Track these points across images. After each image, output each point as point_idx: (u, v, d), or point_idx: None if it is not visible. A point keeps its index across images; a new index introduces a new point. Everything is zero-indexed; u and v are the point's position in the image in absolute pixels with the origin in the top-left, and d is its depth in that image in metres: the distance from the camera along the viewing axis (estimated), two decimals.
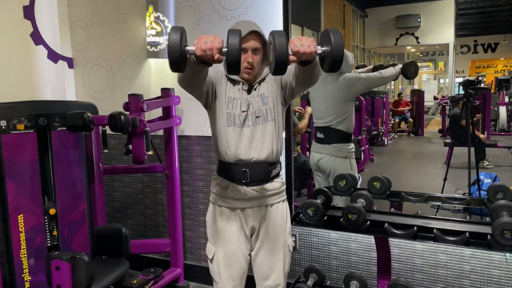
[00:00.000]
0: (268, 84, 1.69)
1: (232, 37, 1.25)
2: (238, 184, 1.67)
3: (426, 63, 3.61)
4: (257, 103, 1.65)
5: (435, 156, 3.22)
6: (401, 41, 3.20)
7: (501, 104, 3.04)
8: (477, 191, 2.48)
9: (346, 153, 2.55)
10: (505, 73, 3.12)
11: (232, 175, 1.68)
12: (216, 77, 1.67)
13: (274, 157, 1.69)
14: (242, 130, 1.64)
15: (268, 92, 1.67)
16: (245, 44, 1.57)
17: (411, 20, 3.15)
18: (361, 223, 1.80)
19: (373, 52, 3.58)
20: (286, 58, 1.25)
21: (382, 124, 3.33)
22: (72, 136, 2.24)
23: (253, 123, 1.65)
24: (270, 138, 1.66)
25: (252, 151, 1.65)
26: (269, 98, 1.67)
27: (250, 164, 1.65)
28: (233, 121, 1.65)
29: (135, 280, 2.41)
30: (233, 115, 1.65)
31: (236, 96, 1.66)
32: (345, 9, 3.32)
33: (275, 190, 1.72)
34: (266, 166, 1.68)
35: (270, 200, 1.72)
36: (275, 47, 1.24)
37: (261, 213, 1.71)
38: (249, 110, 1.65)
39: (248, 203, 1.69)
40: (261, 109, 1.65)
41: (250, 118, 1.65)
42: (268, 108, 1.66)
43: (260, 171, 1.67)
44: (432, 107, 3.42)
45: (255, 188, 1.68)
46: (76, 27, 3.14)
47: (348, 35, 3.34)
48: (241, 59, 1.32)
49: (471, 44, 3.25)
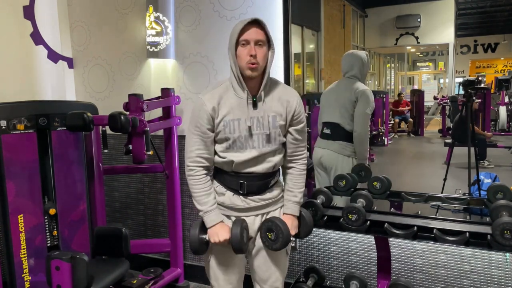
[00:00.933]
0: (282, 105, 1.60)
1: (234, 227, 1.57)
2: (235, 193, 1.64)
3: (426, 63, 3.61)
4: (266, 122, 1.57)
5: (435, 156, 3.21)
6: (401, 41, 3.20)
7: (501, 104, 3.03)
8: (477, 191, 2.48)
9: (350, 152, 2.54)
10: (505, 73, 3.12)
11: (228, 184, 1.65)
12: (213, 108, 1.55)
13: (274, 169, 1.67)
14: (246, 152, 1.58)
15: (279, 116, 1.60)
16: (245, 35, 1.48)
17: (411, 20, 3.15)
18: (361, 223, 1.79)
19: (373, 52, 3.58)
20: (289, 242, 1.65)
21: (382, 124, 3.33)
22: (72, 136, 2.24)
23: (258, 145, 1.58)
24: (272, 156, 1.63)
25: (252, 167, 1.61)
26: (279, 122, 1.60)
27: (248, 176, 1.62)
28: (232, 145, 1.58)
29: (135, 280, 2.41)
30: (233, 139, 1.57)
31: (237, 116, 1.55)
32: (345, 9, 3.32)
33: (274, 199, 1.70)
34: (265, 177, 1.65)
35: (267, 209, 1.70)
36: (283, 241, 1.61)
37: (258, 221, 1.68)
38: (254, 129, 1.56)
39: (245, 213, 1.66)
40: (271, 131, 1.58)
41: (256, 138, 1.57)
42: (278, 133, 1.60)
43: (259, 183, 1.64)
44: (432, 107, 3.41)
45: (252, 198, 1.65)
46: (76, 27, 3.14)
47: (348, 35, 3.34)
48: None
49: (471, 44, 3.25)
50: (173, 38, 2.77)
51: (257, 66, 1.51)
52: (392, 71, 3.82)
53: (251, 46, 1.49)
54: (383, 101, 3.39)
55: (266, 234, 1.62)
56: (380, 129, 3.33)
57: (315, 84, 3.20)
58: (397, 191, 2.13)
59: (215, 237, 1.59)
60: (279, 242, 1.60)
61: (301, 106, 1.65)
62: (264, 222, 1.64)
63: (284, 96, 1.61)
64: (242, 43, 1.50)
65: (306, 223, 1.75)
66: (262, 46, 1.52)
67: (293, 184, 1.71)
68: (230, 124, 1.55)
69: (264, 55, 1.53)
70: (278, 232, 1.59)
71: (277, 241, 1.60)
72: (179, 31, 2.78)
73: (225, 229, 1.60)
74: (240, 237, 1.55)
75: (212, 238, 1.60)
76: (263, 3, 2.50)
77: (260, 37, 1.51)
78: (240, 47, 1.51)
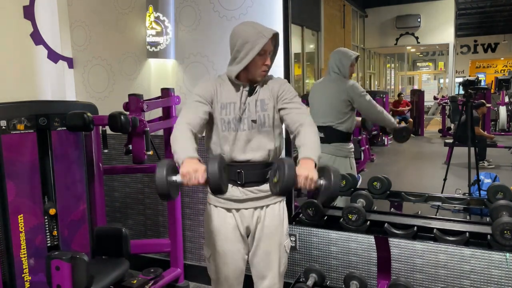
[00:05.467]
0: (270, 92, 1.67)
1: (211, 165, 1.34)
2: (234, 184, 1.67)
3: (426, 63, 3.61)
4: (254, 107, 1.64)
5: (435, 156, 3.21)
6: (401, 41, 3.20)
7: (501, 104, 3.03)
8: (477, 191, 2.48)
9: (346, 153, 2.55)
10: (505, 73, 3.12)
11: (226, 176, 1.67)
12: (214, 89, 1.66)
13: (270, 158, 1.68)
14: (237, 134, 1.63)
15: (268, 99, 1.66)
16: (266, 47, 1.60)
17: (411, 20, 3.15)
18: (361, 223, 1.80)
19: (373, 52, 3.58)
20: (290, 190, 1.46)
21: None
22: (72, 136, 2.24)
23: (248, 127, 1.64)
24: (266, 140, 1.65)
25: (247, 153, 1.64)
26: (269, 105, 1.65)
27: (245, 165, 1.65)
28: (228, 126, 1.64)
29: (135, 280, 2.42)
30: (227, 120, 1.64)
31: (232, 100, 1.65)
32: (345, 9, 3.32)
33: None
34: (262, 167, 1.66)
35: (266, 201, 1.71)
36: (284, 180, 1.33)
37: (256, 214, 1.70)
38: (245, 114, 1.64)
39: (244, 204, 1.69)
40: (258, 114, 1.64)
41: (246, 122, 1.63)
42: (267, 115, 1.65)
43: (256, 172, 1.66)
44: (432, 107, 3.41)
45: (250, 189, 1.67)
46: (76, 27, 3.14)
47: (348, 35, 3.34)
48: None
49: (471, 44, 3.25)
50: (173, 38, 2.77)
51: (268, 72, 1.68)
52: (392, 71, 3.82)
53: (267, 56, 1.63)
54: (383, 101, 3.39)
55: (273, 177, 1.44)
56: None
57: None
58: (397, 191, 2.13)
59: (189, 177, 1.35)
60: (278, 186, 1.38)
61: (286, 83, 1.71)
62: (273, 164, 1.50)
63: (272, 83, 1.70)
64: (261, 54, 1.60)
65: (332, 181, 1.38)
66: (272, 55, 1.68)
67: (304, 139, 1.54)
68: (227, 106, 1.64)
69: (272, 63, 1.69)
70: (281, 173, 1.36)
71: (277, 184, 1.39)
72: (179, 31, 2.78)
73: (201, 167, 1.37)
74: (219, 173, 1.33)
75: (185, 178, 1.36)
76: (263, 3, 2.50)
77: (272, 47, 1.66)
78: (257, 56, 1.60)
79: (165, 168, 1.34)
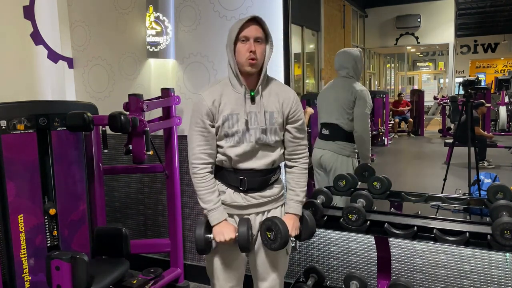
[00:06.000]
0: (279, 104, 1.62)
1: (241, 226, 1.59)
2: (236, 190, 1.65)
3: (426, 63, 3.61)
4: (262, 117, 1.58)
5: (435, 156, 3.21)
6: (401, 41, 3.20)
7: (501, 104, 3.03)
8: (477, 191, 2.48)
9: (349, 152, 2.54)
10: (505, 73, 3.12)
11: (228, 182, 1.66)
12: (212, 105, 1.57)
13: (274, 165, 1.67)
14: (242, 146, 1.59)
15: (277, 113, 1.61)
16: (245, 31, 1.53)
17: (411, 20, 3.15)
18: (361, 223, 1.79)
19: (373, 52, 3.58)
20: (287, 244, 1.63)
21: (382, 124, 3.32)
22: (72, 136, 2.24)
23: (255, 139, 1.59)
24: (271, 151, 1.64)
25: (251, 163, 1.62)
26: (277, 120, 1.61)
27: (248, 172, 1.62)
28: (232, 139, 1.60)
29: (135, 280, 2.41)
30: (231, 133, 1.59)
31: (235, 111, 1.58)
32: (345, 9, 3.31)
33: (274, 196, 1.70)
34: (265, 173, 1.65)
35: (268, 207, 1.70)
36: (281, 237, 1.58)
37: (258, 219, 1.69)
38: (251, 124, 1.58)
39: (246, 210, 1.67)
40: (267, 127, 1.59)
41: (253, 133, 1.58)
42: (274, 129, 1.61)
43: (259, 179, 1.64)
44: (432, 107, 3.41)
45: (253, 195, 1.65)
46: (76, 27, 3.14)
47: (348, 35, 3.34)
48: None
49: (471, 44, 3.25)
50: (173, 38, 2.77)
51: (256, 62, 1.55)
52: (392, 71, 3.81)
53: (251, 42, 1.53)
54: (383, 101, 3.39)
55: (266, 233, 1.62)
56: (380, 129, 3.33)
57: (315, 84, 3.20)
58: (397, 191, 2.13)
59: (221, 236, 1.59)
60: (277, 242, 1.59)
61: (297, 103, 1.66)
62: (264, 221, 1.63)
63: (281, 93, 1.64)
64: (242, 40, 1.54)
65: (308, 225, 1.73)
66: (261, 43, 1.57)
67: (295, 183, 1.71)
68: (229, 119, 1.58)
69: (262, 52, 1.57)
70: (277, 232, 1.58)
71: (276, 241, 1.59)
72: (179, 31, 2.78)
73: (230, 228, 1.60)
74: (247, 235, 1.56)
75: (218, 237, 1.59)
76: (263, 3, 2.50)
77: (259, 34, 1.55)
78: (239, 44, 1.54)
79: (203, 227, 1.61)
